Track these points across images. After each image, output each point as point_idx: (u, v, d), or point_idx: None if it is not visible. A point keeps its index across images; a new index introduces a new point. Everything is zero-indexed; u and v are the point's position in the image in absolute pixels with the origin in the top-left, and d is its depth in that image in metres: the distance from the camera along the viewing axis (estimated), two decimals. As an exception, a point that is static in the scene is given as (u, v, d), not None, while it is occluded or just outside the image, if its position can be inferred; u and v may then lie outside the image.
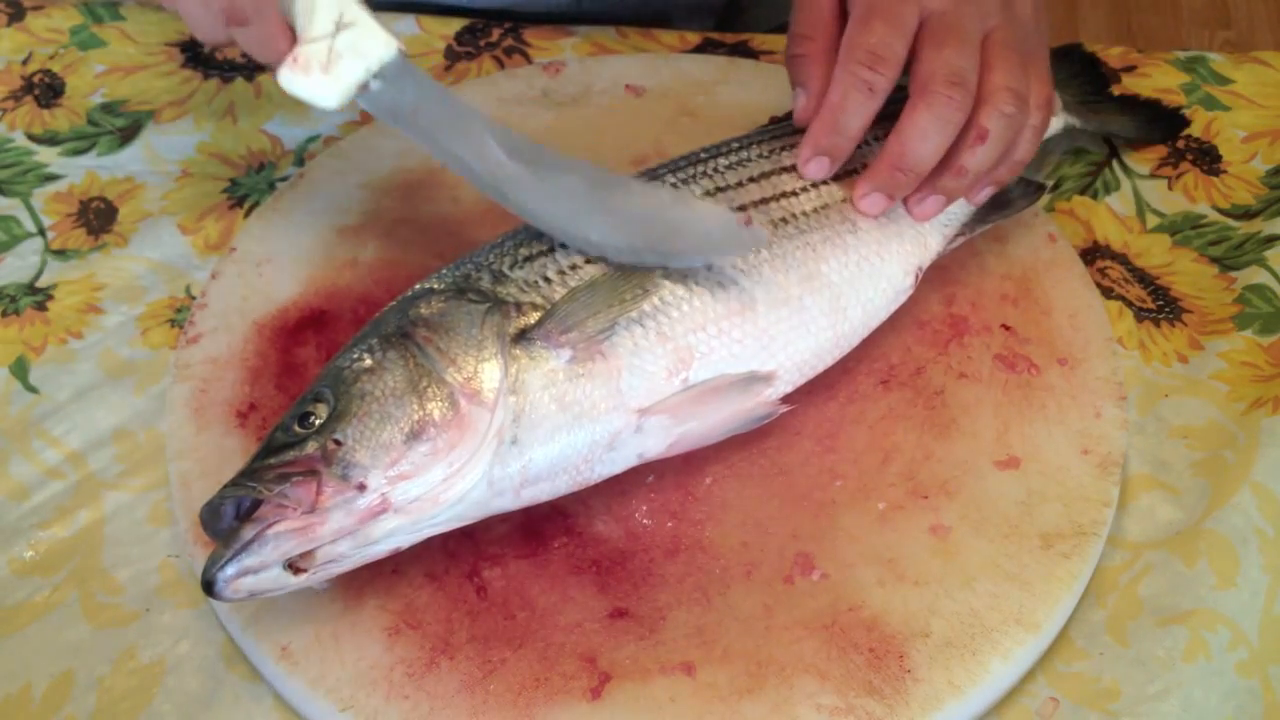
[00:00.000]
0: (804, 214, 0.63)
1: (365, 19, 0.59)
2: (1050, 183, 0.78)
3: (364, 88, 0.60)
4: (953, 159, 0.62)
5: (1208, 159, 0.79)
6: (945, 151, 0.62)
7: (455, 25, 0.89)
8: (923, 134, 0.61)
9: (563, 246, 0.61)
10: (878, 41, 0.61)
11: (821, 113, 0.63)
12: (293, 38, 0.59)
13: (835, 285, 0.62)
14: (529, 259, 0.61)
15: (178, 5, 0.61)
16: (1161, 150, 0.80)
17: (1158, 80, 0.83)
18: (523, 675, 0.57)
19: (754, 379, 0.60)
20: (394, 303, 0.61)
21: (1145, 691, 0.57)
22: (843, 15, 0.64)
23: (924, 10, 0.62)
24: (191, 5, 0.60)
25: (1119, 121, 0.80)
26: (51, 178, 0.81)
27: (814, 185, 0.64)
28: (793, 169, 0.65)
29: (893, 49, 0.61)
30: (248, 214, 0.79)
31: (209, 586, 0.54)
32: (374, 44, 0.59)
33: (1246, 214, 0.76)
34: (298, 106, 0.66)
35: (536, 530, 0.61)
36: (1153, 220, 0.76)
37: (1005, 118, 0.61)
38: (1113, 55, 0.84)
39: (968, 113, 0.61)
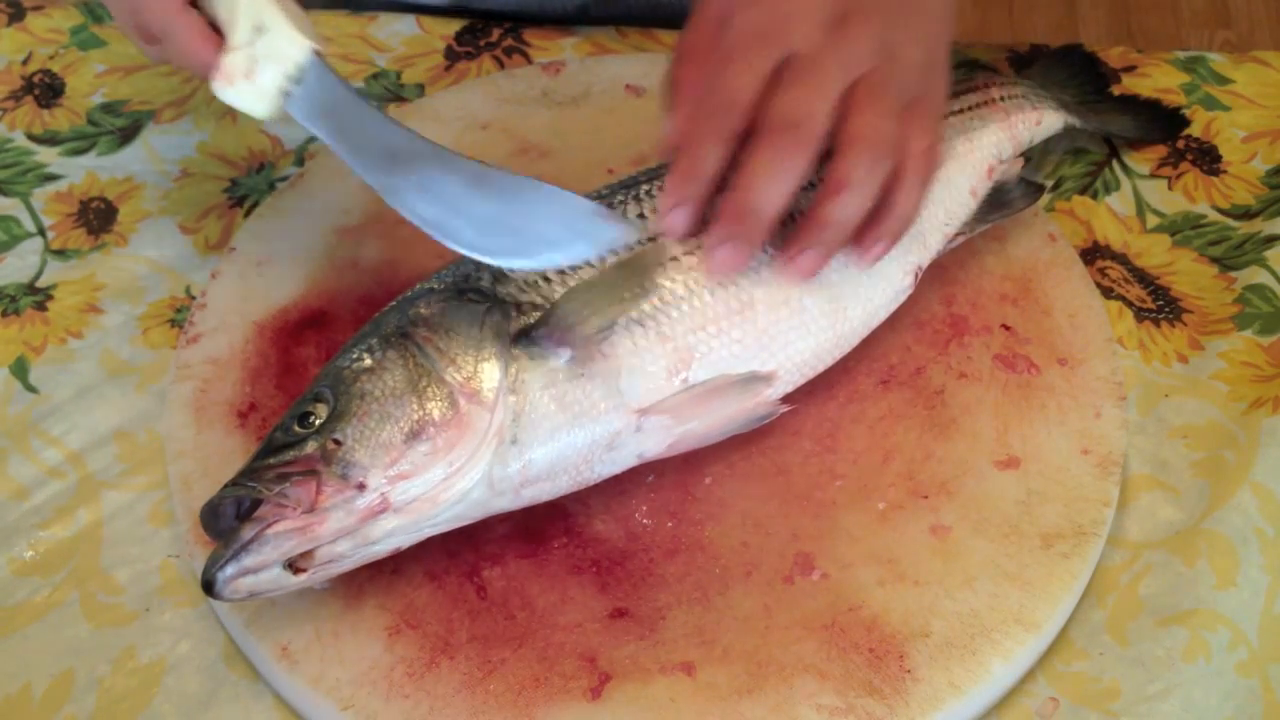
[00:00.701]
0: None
1: (279, 22, 0.57)
2: (1050, 183, 0.78)
3: (286, 94, 0.58)
4: (814, 210, 0.57)
5: (1208, 159, 0.79)
6: (792, 199, 0.56)
7: (455, 25, 0.89)
8: (762, 177, 0.56)
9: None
10: (730, 82, 0.56)
11: (677, 159, 0.58)
12: (219, 47, 0.59)
13: (834, 285, 0.62)
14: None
15: (116, 20, 0.62)
16: (1161, 150, 0.80)
17: (1158, 80, 0.83)
18: (523, 675, 0.57)
19: (754, 379, 0.60)
20: (394, 303, 0.61)
21: (1145, 691, 0.57)
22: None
23: (785, 51, 0.57)
24: (122, 26, 0.61)
25: (1119, 121, 0.80)
26: (51, 178, 0.81)
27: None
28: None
29: (744, 92, 0.56)
30: (248, 214, 0.79)
31: (209, 586, 0.54)
32: (288, 47, 0.58)
33: (1246, 214, 0.76)
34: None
35: (536, 530, 0.61)
36: (1153, 220, 0.76)
37: (863, 167, 0.56)
38: (1113, 55, 0.84)
39: (811, 156, 0.56)
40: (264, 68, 0.58)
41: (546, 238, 0.59)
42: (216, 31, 0.59)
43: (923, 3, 0.62)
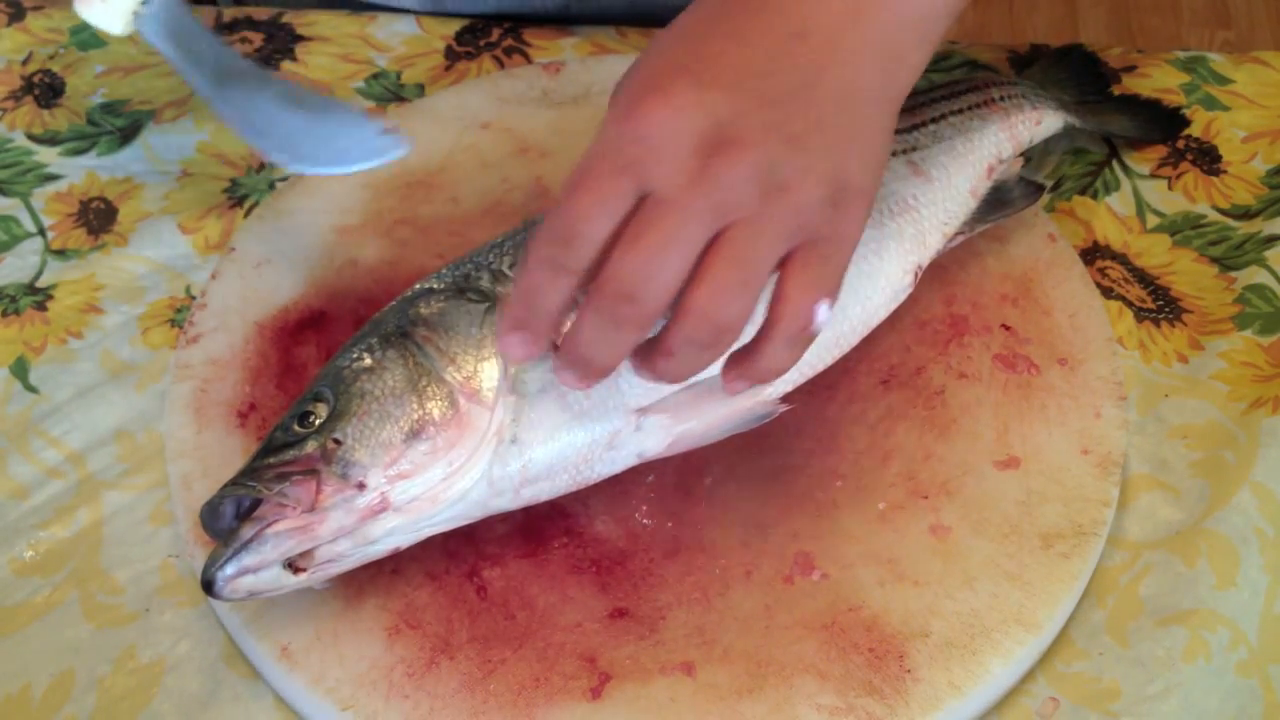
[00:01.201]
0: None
1: None
2: (1050, 183, 0.78)
3: (137, 14, 0.64)
4: (649, 363, 0.51)
5: (1208, 159, 0.79)
6: (619, 362, 0.51)
7: (455, 25, 0.89)
8: (579, 343, 0.50)
9: None
10: (574, 217, 0.49)
11: (515, 283, 0.52)
12: None
13: (835, 285, 0.62)
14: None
15: None
16: (1161, 150, 0.80)
17: (1158, 80, 0.83)
18: (523, 675, 0.57)
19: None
20: (394, 302, 0.61)
21: (1145, 691, 0.57)
22: None
23: (641, 187, 0.48)
24: None
25: (1119, 121, 0.80)
26: (51, 178, 0.81)
27: None
28: None
29: (587, 233, 0.49)
30: (248, 214, 0.79)
31: (208, 586, 0.54)
32: None
33: (1246, 214, 0.76)
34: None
35: (536, 530, 0.61)
36: (1153, 220, 0.76)
37: (690, 344, 0.49)
38: (1113, 55, 0.84)
39: (640, 332, 0.50)
40: None
41: (338, 148, 0.65)
42: None
43: (852, 113, 0.51)
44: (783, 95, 0.50)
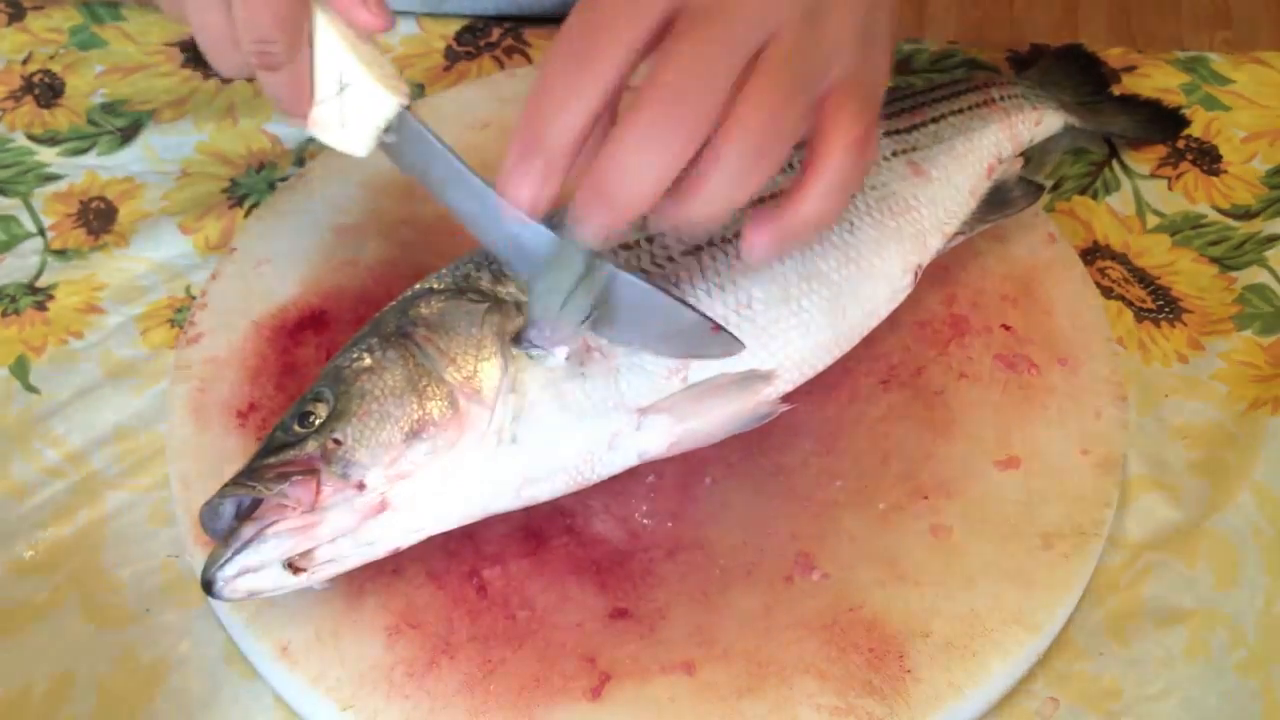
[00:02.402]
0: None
1: (363, 77, 0.57)
2: (1050, 183, 0.78)
3: (380, 143, 0.58)
4: (662, 206, 0.48)
5: (1208, 159, 0.79)
6: (661, 186, 0.47)
7: (455, 25, 0.89)
8: (616, 154, 0.46)
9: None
10: (595, 25, 0.46)
11: (524, 113, 0.48)
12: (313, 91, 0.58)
13: (835, 284, 0.62)
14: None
15: (198, 37, 0.56)
16: (1161, 150, 0.80)
17: (1158, 80, 0.83)
18: (523, 675, 0.57)
19: (753, 377, 0.60)
20: (394, 302, 0.61)
21: (1145, 691, 0.57)
22: None
23: (674, 2, 0.46)
24: (213, 47, 0.55)
25: (1119, 121, 0.80)
26: (51, 178, 0.81)
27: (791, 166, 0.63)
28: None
29: (617, 39, 0.45)
30: (248, 214, 0.79)
31: (208, 585, 0.54)
32: (375, 103, 0.57)
33: (1246, 214, 0.76)
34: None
35: (536, 530, 0.61)
36: (1153, 220, 0.76)
37: (730, 166, 0.46)
38: (1113, 55, 0.84)
39: (688, 139, 0.45)
40: (356, 120, 0.58)
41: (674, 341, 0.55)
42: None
43: None
44: None
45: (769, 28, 0.46)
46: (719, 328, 0.53)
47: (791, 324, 0.61)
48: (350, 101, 0.58)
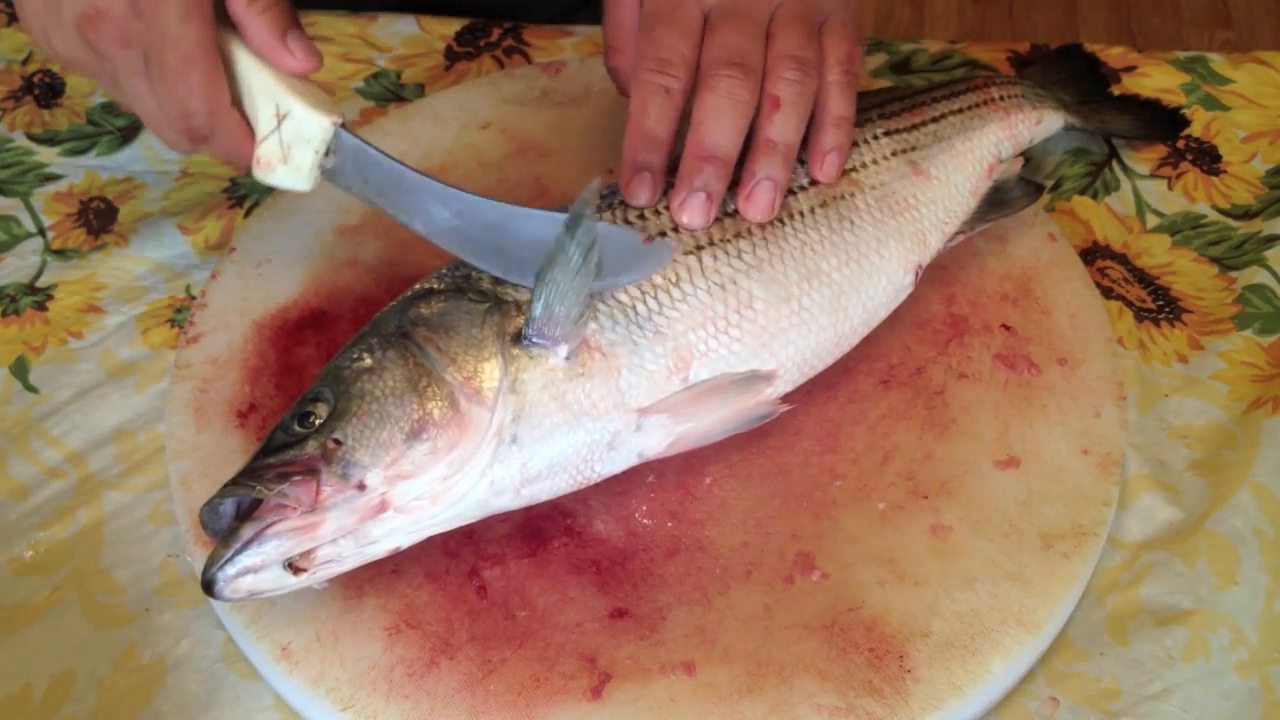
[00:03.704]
0: (802, 213, 0.63)
1: (297, 105, 0.60)
2: (1050, 183, 0.78)
3: (323, 169, 0.61)
4: (755, 137, 0.61)
5: (1208, 159, 0.79)
6: (743, 133, 0.61)
7: (455, 25, 0.89)
8: (713, 117, 0.60)
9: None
10: (661, 44, 0.61)
11: (629, 128, 0.62)
12: (254, 139, 0.61)
13: (836, 283, 0.62)
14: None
15: (146, 124, 0.63)
16: (1161, 150, 0.80)
17: (1158, 80, 0.83)
18: (523, 675, 0.57)
19: (754, 378, 0.60)
20: (394, 302, 0.61)
21: (1145, 691, 0.57)
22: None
23: (705, 5, 0.62)
24: (156, 124, 0.62)
25: (1119, 121, 0.80)
26: (51, 178, 0.81)
27: (812, 183, 0.64)
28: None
29: (677, 50, 0.61)
30: (248, 214, 0.79)
31: (209, 586, 0.54)
32: (311, 127, 0.60)
33: (1246, 214, 0.76)
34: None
35: (536, 530, 0.61)
36: (1153, 220, 0.76)
37: (790, 83, 0.61)
38: (1113, 55, 0.84)
39: (754, 89, 0.61)
40: (296, 149, 0.61)
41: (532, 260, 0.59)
42: (249, 125, 0.62)
43: None
44: None
45: (773, 4, 0.63)
46: (650, 239, 0.60)
47: (793, 323, 0.61)
48: (289, 130, 0.60)
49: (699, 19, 0.62)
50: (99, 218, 0.79)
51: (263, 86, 0.60)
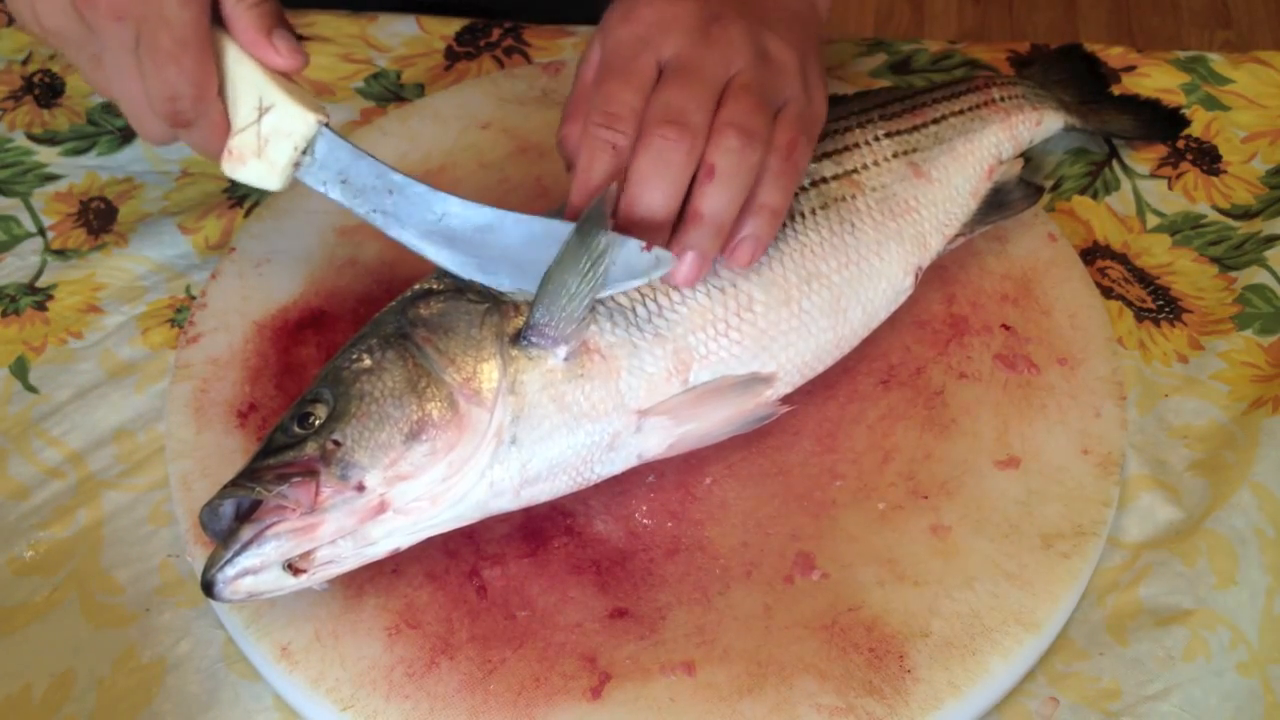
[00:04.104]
0: (802, 214, 0.63)
1: (282, 100, 0.59)
2: (1050, 183, 0.78)
3: (298, 165, 0.61)
4: (688, 204, 0.58)
5: (1208, 159, 0.79)
6: (678, 193, 0.57)
7: (455, 25, 0.89)
8: (641, 179, 0.57)
9: None
10: (611, 98, 0.58)
11: (574, 181, 0.59)
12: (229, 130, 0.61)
13: (836, 286, 0.62)
14: None
15: (123, 109, 0.61)
16: (1161, 150, 0.80)
17: (1158, 80, 0.83)
18: (523, 675, 0.57)
19: (754, 380, 0.60)
20: (393, 303, 0.61)
21: (1145, 691, 0.57)
22: None
23: (661, 59, 0.59)
24: (137, 115, 0.61)
25: (1119, 121, 0.80)
26: (51, 178, 0.81)
27: (811, 185, 0.64)
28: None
29: (627, 104, 0.58)
30: (248, 214, 0.79)
31: (208, 587, 0.54)
32: (295, 122, 0.60)
33: (1246, 214, 0.76)
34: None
35: (536, 530, 0.61)
36: (1153, 220, 0.76)
37: (729, 151, 0.57)
38: (1113, 55, 0.84)
39: (691, 152, 0.57)
40: (274, 144, 0.60)
41: (514, 260, 0.59)
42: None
43: (781, 6, 0.64)
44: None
45: (731, 66, 0.59)
46: (649, 246, 0.58)
47: (793, 325, 0.61)
48: (269, 124, 0.60)
49: (653, 72, 0.59)
50: (99, 218, 0.79)
51: (247, 78, 0.60)
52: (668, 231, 0.58)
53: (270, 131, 0.60)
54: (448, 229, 0.60)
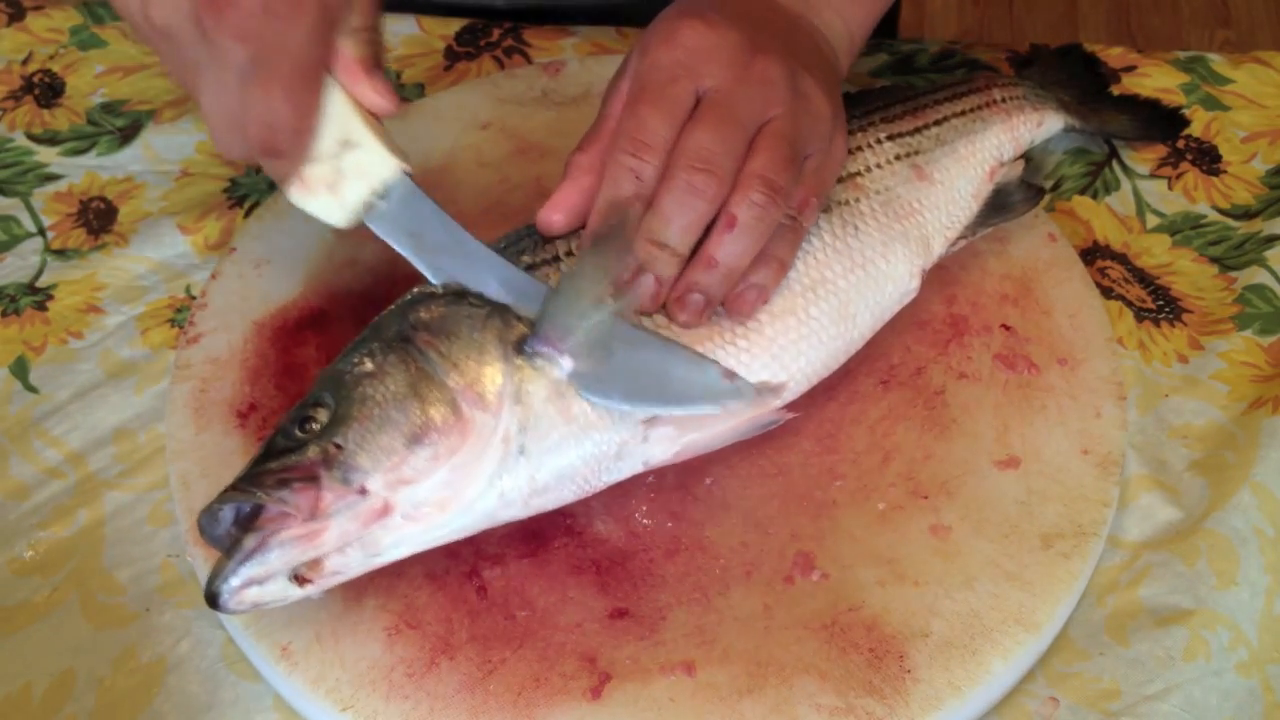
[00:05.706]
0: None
1: (369, 139, 0.58)
2: (1050, 183, 0.78)
3: (369, 207, 0.59)
4: (704, 246, 0.57)
5: (1208, 159, 0.79)
6: (697, 234, 0.57)
7: (455, 25, 0.89)
8: (662, 216, 0.56)
9: (568, 255, 0.60)
10: (644, 124, 0.57)
11: (600, 197, 0.58)
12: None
13: (842, 291, 0.62)
14: (531, 268, 0.60)
15: (207, 123, 0.59)
16: (1161, 150, 0.80)
17: (1158, 80, 0.83)
18: (523, 675, 0.57)
19: (763, 390, 0.60)
20: (394, 306, 0.61)
21: (1145, 691, 0.57)
22: None
23: (700, 89, 0.58)
24: (223, 130, 0.58)
25: (1119, 121, 0.80)
26: (51, 178, 0.81)
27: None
28: None
29: (658, 133, 0.57)
30: (248, 214, 0.79)
31: (213, 599, 0.53)
32: (377, 165, 0.59)
33: (1246, 214, 0.76)
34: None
35: (536, 530, 0.61)
36: (1153, 220, 0.76)
37: (753, 205, 0.56)
38: (1113, 55, 0.84)
39: (715, 198, 0.56)
40: (350, 182, 0.59)
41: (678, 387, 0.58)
42: None
43: (816, 50, 0.64)
44: (782, 32, 0.62)
45: (769, 107, 0.58)
46: (733, 374, 0.58)
47: (802, 334, 0.61)
48: (350, 161, 0.59)
49: (690, 100, 0.57)
50: (99, 218, 0.79)
51: (335, 111, 0.58)
52: (685, 257, 0.57)
53: (350, 169, 0.58)
54: (516, 305, 0.59)
